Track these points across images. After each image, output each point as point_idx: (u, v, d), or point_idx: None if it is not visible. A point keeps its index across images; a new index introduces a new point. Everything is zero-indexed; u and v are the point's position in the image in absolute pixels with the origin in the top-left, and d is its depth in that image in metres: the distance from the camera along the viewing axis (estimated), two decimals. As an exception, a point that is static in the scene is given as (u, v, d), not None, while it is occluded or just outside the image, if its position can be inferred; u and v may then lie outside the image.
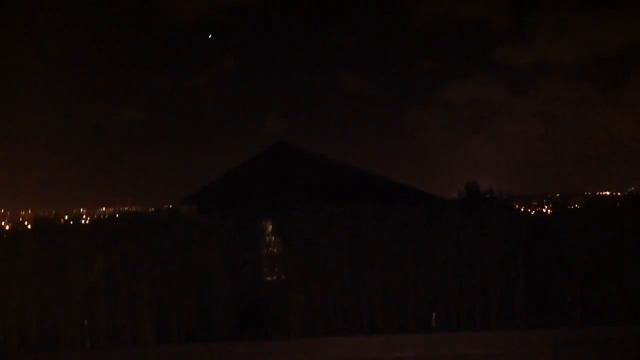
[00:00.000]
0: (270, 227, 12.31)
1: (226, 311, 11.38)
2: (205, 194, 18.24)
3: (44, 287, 11.19)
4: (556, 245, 11.93)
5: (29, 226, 13.26)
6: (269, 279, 12.07)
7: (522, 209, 19.00)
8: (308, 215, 11.79)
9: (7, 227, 13.43)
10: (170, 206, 18.42)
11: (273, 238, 12.23)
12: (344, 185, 17.41)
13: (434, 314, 11.73)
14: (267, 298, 11.63)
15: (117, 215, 13.40)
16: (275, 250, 12.12)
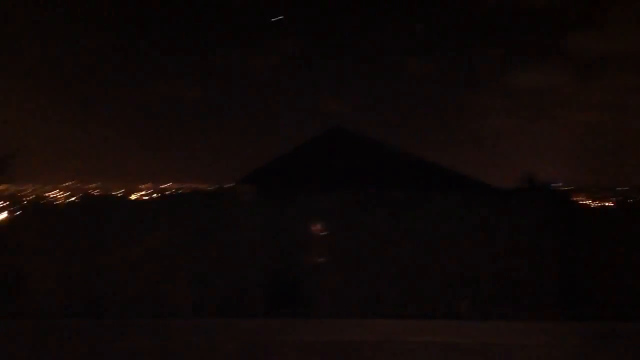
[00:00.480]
0: (308, 209, 12.56)
1: (261, 289, 11.77)
2: (259, 174, 18.63)
3: (91, 258, 11.87)
4: (590, 237, 11.80)
5: (80, 199, 14.12)
6: (304, 259, 12.35)
7: (578, 201, 18.68)
8: (345, 198, 12.03)
9: (60, 201, 14.29)
10: (228, 185, 18.87)
11: (311, 220, 12.49)
12: (398, 172, 17.46)
13: (464, 302, 11.80)
14: (302, 278, 11.94)
15: (165, 193, 14.04)
16: (312, 232, 12.38)
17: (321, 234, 12.48)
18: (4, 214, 13.27)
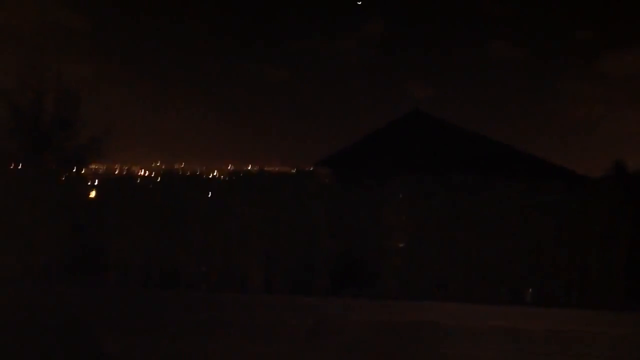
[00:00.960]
0: (375, 193, 12.79)
1: (326, 269, 12.15)
2: (338, 157, 18.97)
3: (167, 232, 12.57)
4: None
5: (158, 177, 14.93)
6: (369, 242, 12.61)
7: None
8: (407, 183, 12.20)
9: (138, 179, 15.16)
10: (307, 168, 19.32)
11: (376, 204, 12.72)
12: (479, 158, 17.35)
13: (529, 288, 11.75)
14: (366, 260, 12.22)
15: (240, 174, 14.60)
16: (376, 215, 12.61)
17: (385, 217, 12.68)
18: (93, 192, 14.21)
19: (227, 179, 14.88)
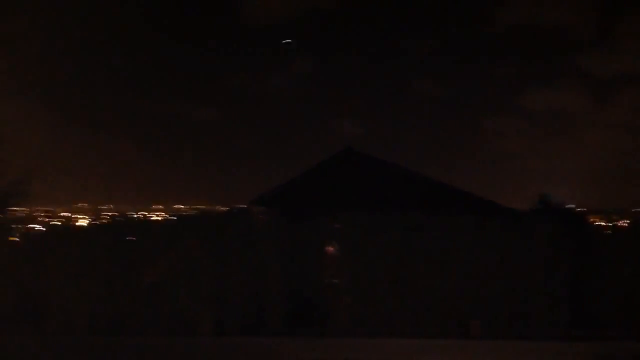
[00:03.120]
0: (323, 231, 12.92)
1: (278, 308, 12.11)
2: (271, 196, 18.94)
3: (113, 278, 12.30)
4: (602, 258, 11.99)
5: (104, 222, 14.63)
6: (319, 280, 12.69)
7: (591, 222, 18.75)
8: (358, 220, 12.40)
9: (85, 222, 14.80)
10: (241, 206, 19.19)
11: (325, 241, 12.85)
12: (410, 193, 17.67)
13: (475, 321, 12.04)
14: (317, 298, 12.26)
15: (182, 214, 14.50)
16: (327, 252, 12.72)
17: (335, 254, 12.81)
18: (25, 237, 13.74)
19: (172, 221, 14.74)
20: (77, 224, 14.75)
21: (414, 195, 16.99)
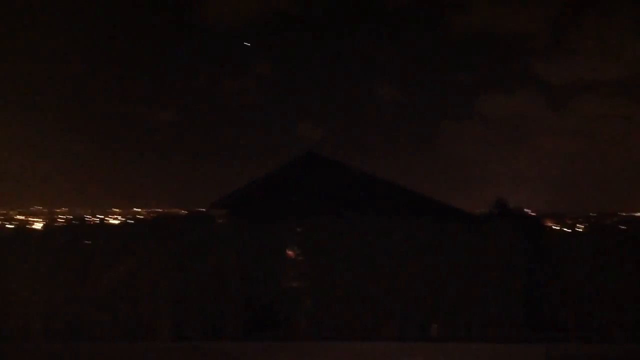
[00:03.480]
0: (284, 234, 12.94)
1: (238, 313, 12.05)
2: (232, 199, 18.90)
3: (71, 282, 12.09)
4: (557, 262, 12.29)
5: (61, 225, 14.34)
6: (280, 284, 12.70)
7: (548, 226, 19.17)
8: (318, 224, 12.46)
9: (41, 226, 14.49)
10: (201, 210, 19.06)
11: (285, 245, 12.87)
12: (370, 197, 17.87)
13: (434, 324, 12.21)
14: (277, 303, 12.26)
15: (141, 218, 14.29)
16: (287, 256, 12.75)
17: (295, 258, 12.85)
18: None
19: (130, 225, 14.56)
20: (32, 227, 14.40)
21: (374, 198, 17.20)
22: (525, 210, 16.82)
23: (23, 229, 14.15)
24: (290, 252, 13.02)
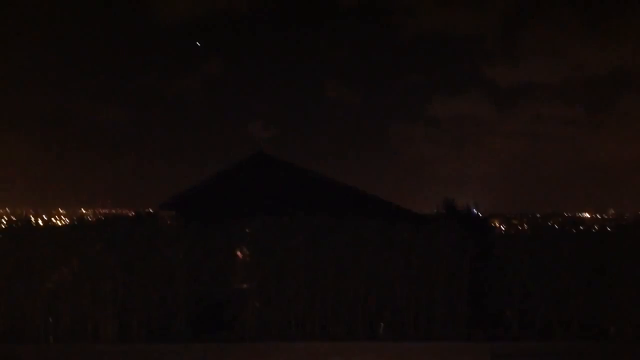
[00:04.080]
0: (233, 235, 12.84)
1: (185, 314, 11.91)
2: (181, 199, 18.66)
3: (13, 284, 11.75)
4: (502, 261, 12.53)
5: (2, 226, 13.92)
6: (228, 284, 12.60)
7: (494, 226, 19.52)
8: (267, 224, 12.43)
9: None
10: (148, 210, 18.74)
11: (234, 245, 12.79)
12: (320, 197, 17.88)
13: (382, 323, 12.30)
14: (226, 303, 12.14)
15: (86, 219, 13.96)
16: (235, 257, 12.67)
17: (244, 258, 12.78)
18: None
19: (75, 226, 14.25)
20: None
21: (323, 199, 17.23)
22: (473, 210, 17.08)
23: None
24: (239, 253, 12.94)
